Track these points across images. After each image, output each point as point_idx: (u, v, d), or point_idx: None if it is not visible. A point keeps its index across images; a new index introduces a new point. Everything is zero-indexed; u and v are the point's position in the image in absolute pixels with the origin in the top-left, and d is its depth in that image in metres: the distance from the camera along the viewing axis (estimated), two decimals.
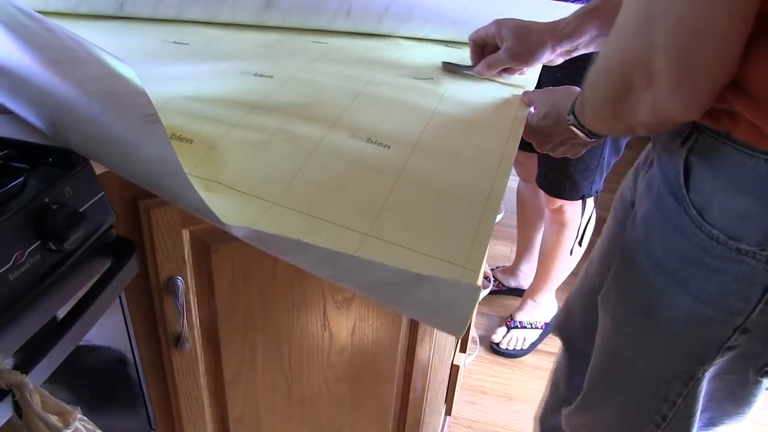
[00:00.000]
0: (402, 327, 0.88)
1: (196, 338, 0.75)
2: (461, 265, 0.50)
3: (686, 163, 0.60)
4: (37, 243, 0.47)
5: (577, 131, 0.70)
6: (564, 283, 1.70)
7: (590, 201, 1.47)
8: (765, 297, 0.57)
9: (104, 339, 0.63)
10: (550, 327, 1.76)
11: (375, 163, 0.60)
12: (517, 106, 0.79)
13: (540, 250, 1.70)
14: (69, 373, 0.57)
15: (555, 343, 1.38)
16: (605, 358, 0.75)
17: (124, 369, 0.69)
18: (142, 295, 0.69)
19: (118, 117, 0.51)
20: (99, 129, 0.51)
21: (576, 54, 0.84)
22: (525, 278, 1.91)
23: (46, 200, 0.49)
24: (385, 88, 0.77)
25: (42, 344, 0.47)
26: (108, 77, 0.55)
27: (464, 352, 1.13)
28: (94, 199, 0.54)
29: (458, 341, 1.08)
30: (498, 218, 0.57)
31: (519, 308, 1.77)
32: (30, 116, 0.53)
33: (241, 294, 0.74)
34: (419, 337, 0.89)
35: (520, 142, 0.71)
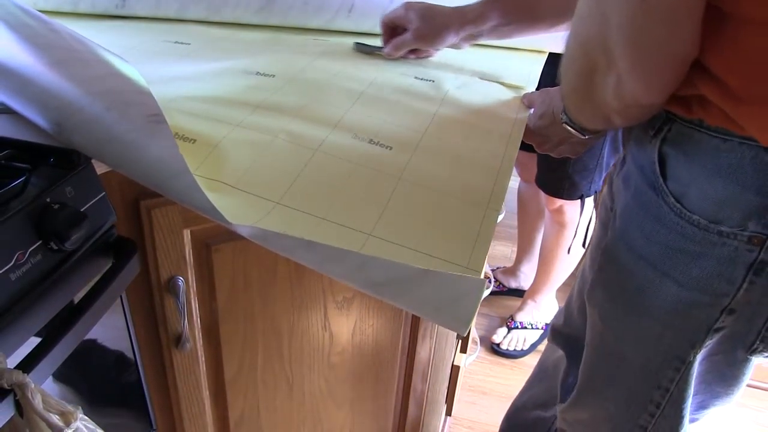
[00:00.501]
0: (402, 327, 0.88)
1: (197, 338, 0.75)
2: (463, 266, 0.50)
3: (660, 154, 0.61)
4: (39, 243, 0.47)
5: (571, 129, 0.71)
6: (564, 284, 1.70)
7: (589, 201, 1.47)
8: (749, 276, 0.58)
9: (105, 339, 0.63)
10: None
11: (377, 164, 0.61)
12: (518, 108, 0.79)
13: (540, 251, 1.70)
14: (70, 373, 0.57)
15: None
16: (596, 353, 0.76)
17: (125, 369, 0.69)
18: (143, 295, 0.69)
19: (123, 117, 0.51)
20: (104, 129, 0.51)
21: (480, 40, 0.88)
22: (525, 279, 1.90)
23: (48, 200, 0.49)
24: (387, 90, 0.77)
25: (43, 344, 0.47)
26: (112, 77, 0.55)
27: (465, 353, 1.13)
28: (96, 199, 0.54)
29: (458, 342, 1.08)
30: (499, 219, 0.57)
31: (519, 309, 1.77)
32: (34, 116, 0.53)
33: (242, 294, 0.74)
34: (420, 338, 0.89)
35: (522, 142, 0.72)
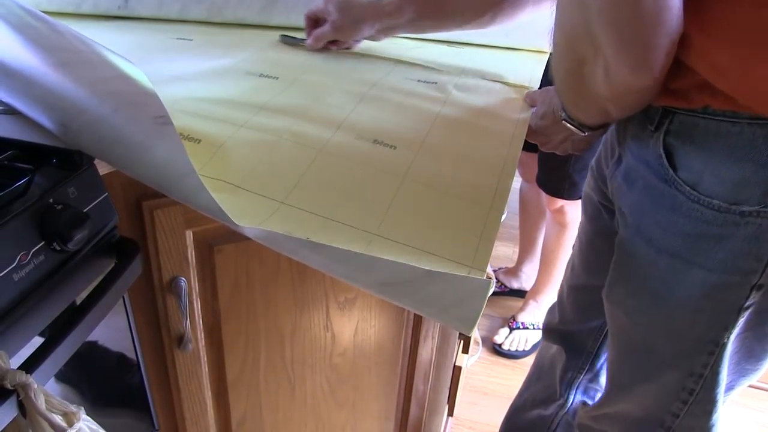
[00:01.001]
0: (404, 328, 0.88)
1: (199, 339, 0.75)
2: (468, 265, 0.50)
3: (666, 147, 0.61)
4: (42, 243, 0.47)
5: (570, 126, 0.71)
6: None
7: None
8: None
9: (108, 339, 0.63)
10: None
11: (381, 164, 0.61)
12: (520, 108, 0.79)
13: (542, 251, 1.70)
14: (73, 373, 0.57)
15: None
16: (625, 349, 0.76)
17: (128, 369, 0.68)
18: (146, 296, 0.69)
19: (129, 118, 0.51)
20: (110, 130, 0.50)
21: (397, 33, 0.89)
22: (527, 279, 1.90)
23: (51, 201, 0.49)
24: (390, 92, 0.78)
25: (46, 344, 0.47)
26: (118, 79, 0.55)
27: (466, 353, 1.13)
28: (98, 200, 0.54)
29: (460, 342, 1.08)
30: (502, 219, 0.57)
31: (521, 309, 1.77)
32: (40, 117, 0.52)
33: (244, 295, 0.74)
34: (421, 338, 0.89)
35: (524, 143, 0.72)
